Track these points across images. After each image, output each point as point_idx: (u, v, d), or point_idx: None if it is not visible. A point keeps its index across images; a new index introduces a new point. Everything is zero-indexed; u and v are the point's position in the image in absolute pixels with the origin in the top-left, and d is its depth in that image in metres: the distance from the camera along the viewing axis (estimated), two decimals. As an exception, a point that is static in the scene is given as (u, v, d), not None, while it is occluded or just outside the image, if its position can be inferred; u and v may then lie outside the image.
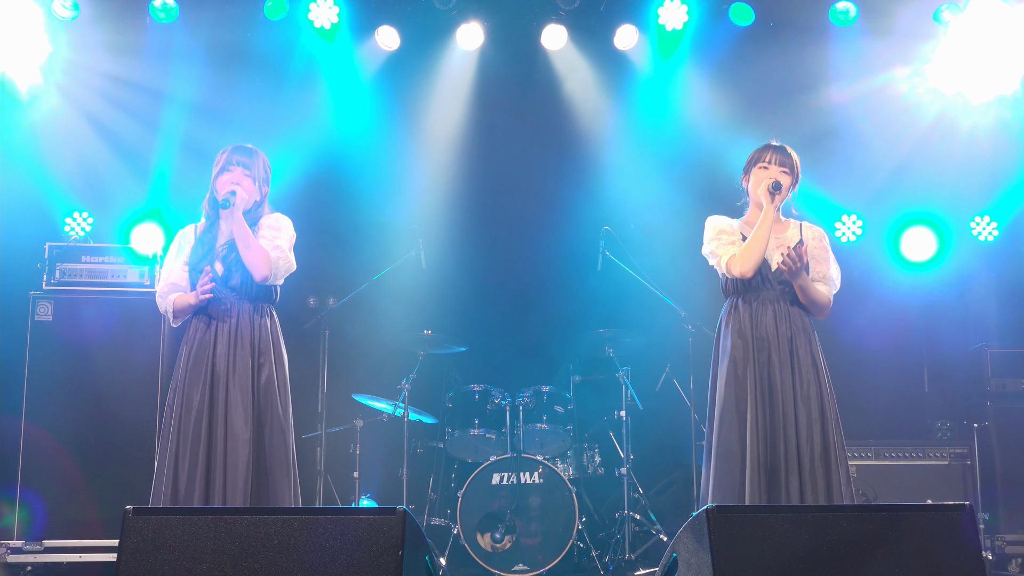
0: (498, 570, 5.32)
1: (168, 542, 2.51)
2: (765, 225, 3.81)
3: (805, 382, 3.77)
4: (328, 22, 6.00)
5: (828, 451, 3.70)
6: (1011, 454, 5.66)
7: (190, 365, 3.81)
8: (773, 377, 3.76)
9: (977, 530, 2.64)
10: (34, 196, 5.82)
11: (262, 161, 3.98)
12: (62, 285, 5.27)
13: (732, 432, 3.73)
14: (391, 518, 2.50)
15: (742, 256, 3.82)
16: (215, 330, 3.82)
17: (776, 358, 3.78)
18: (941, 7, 5.87)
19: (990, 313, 6.29)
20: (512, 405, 5.75)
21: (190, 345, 3.84)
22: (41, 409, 5.09)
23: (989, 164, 6.22)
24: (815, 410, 3.74)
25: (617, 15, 6.23)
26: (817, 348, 3.86)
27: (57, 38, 5.68)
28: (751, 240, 3.83)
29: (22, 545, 5.01)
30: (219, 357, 3.79)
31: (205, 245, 3.93)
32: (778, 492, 3.65)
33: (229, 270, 3.88)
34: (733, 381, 3.78)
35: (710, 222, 4.02)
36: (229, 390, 3.76)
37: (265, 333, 3.88)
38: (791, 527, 2.54)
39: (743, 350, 3.81)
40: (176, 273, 3.92)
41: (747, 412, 3.73)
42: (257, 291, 3.90)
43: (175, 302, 3.89)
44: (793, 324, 3.83)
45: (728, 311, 3.93)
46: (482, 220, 6.63)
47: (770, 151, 3.94)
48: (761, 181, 3.88)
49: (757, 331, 3.81)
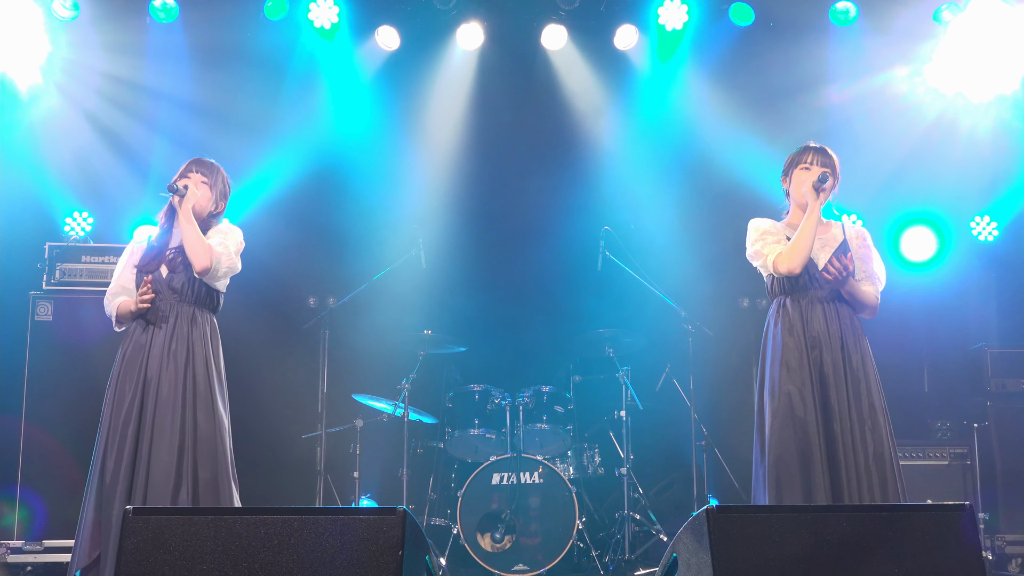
0: (498, 570, 5.32)
1: (168, 542, 2.51)
2: (812, 220, 3.79)
3: (857, 380, 3.76)
4: (328, 22, 6.00)
5: (882, 450, 3.69)
6: (1011, 454, 5.65)
7: (124, 366, 3.81)
8: (826, 375, 3.75)
9: (977, 530, 2.64)
10: (34, 196, 5.82)
11: (222, 177, 4.03)
12: (62, 285, 5.28)
13: (788, 432, 3.69)
14: (391, 518, 2.50)
15: (789, 253, 3.80)
16: (151, 333, 3.82)
17: (829, 357, 3.76)
18: (941, 7, 5.88)
19: (990, 313, 6.29)
20: (512, 405, 5.74)
21: (125, 346, 3.85)
22: (41, 409, 5.09)
23: (989, 164, 6.22)
24: (866, 407, 3.73)
25: (617, 15, 6.23)
26: (866, 346, 3.85)
27: (57, 38, 5.68)
28: (798, 236, 3.81)
29: (22, 545, 5.02)
30: (152, 359, 3.78)
31: (155, 249, 3.94)
32: (840, 492, 3.63)
33: (173, 272, 3.89)
34: (787, 382, 3.74)
35: (753, 224, 3.99)
36: (159, 392, 3.74)
37: (201, 339, 3.86)
38: (791, 527, 2.54)
39: (795, 350, 3.78)
40: (125, 276, 3.94)
41: (805, 412, 3.69)
42: (199, 295, 3.90)
43: (119, 307, 3.90)
44: (843, 323, 3.82)
45: (776, 311, 3.90)
46: (482, 220, 6.63)
47: (811, 152, 3.94)
48: (804, 181, 3.87)
49: (809, 330, 3.79)
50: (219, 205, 4.02)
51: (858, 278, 3.90)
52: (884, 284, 3.97)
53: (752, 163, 5.98)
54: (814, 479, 3.64)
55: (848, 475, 3.65)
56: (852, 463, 3.67)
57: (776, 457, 3.69)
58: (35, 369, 5.14)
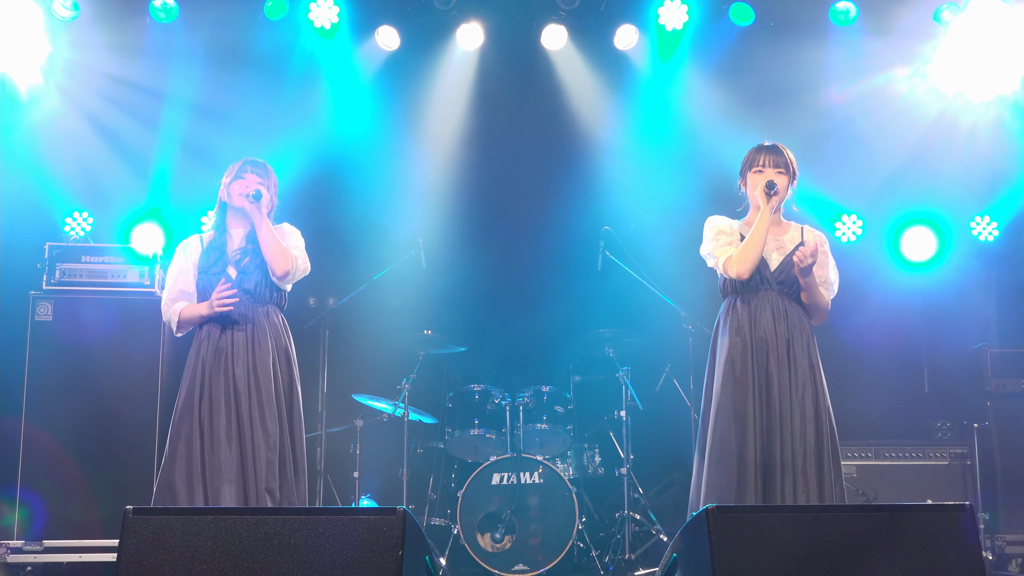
0: (498, 570, 5.32)
1: (168, 542, 2.51)
2: (762, 226, 3.81)
3: (801, 383, 3.77)
4: (328, 22, 6.00)
5: (821, 451, 3.71)
6: (1011, 454, 5.65)
7: (207, 372, 3.78)
8: (771, 377, 3.77)
9: (977, 530, 2.64)
10: (34, 196, 5.82)
11: (273, 177, 4.06)
12: (62, 285, 5.27)
13: (729, 432, 3.73)
14: (391, 518, 2.50)
15: (739, 257, 3.83)
16: (231, 336, 3.81)
17: (774, 358, 3.78)
18: (941, 7, 5.87)
19: (990, 313, 6.29)
20: (512, 405, 5.75)
21: (205, 350, 3.81)
22: (41, 409, 5.09)
23: (989, 164, 6.22)
24: (810, 410, 3.74)
25: (617, 15, 6.23)
26: (814, 349, 3.87)
27: (57, 38, 5.68)
28: (748, 241, 3.83)
29: (22, 545, 5.01)
30: (238, 363, 3.78)
31: (216, 251, 3.92)
32: (773, 492, 3.67)
33: (244, 274, 3.88)
34: (731, 381, 3.78)
35: (709, 223, 4.02)
36: (252, 397, 3.75)
37: (282, 337, 3.90)
38: (791, 527, 2.55)
39: (741, 350, 3.81)
40: (185, 280, 3.91)
41: (745, 412, 3.73)
42: (271, 295, 3.92)
43: (182, 312, 3.87)
44: (791, 324, 3.83)
45: (726, 311, 3.94)
46: (482, 220, 6.63)
47: (763, 153, 3.93)
48: (757, 184, 3.88)
49: (756, 331, 3.81)
50: (273, 202, 4.04)
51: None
52: (836, 292, 3.98)
53: (752, 163, 5.97)
54: (747, 480, 3.66)
55: (784, 476, 3.67)
56: (790, 464, 3.68)
57: (712, 456, 3.73)
58: (35, 369, 5.13)
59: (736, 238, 3.93)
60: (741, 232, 3.96)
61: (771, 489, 3.67)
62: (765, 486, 3.67)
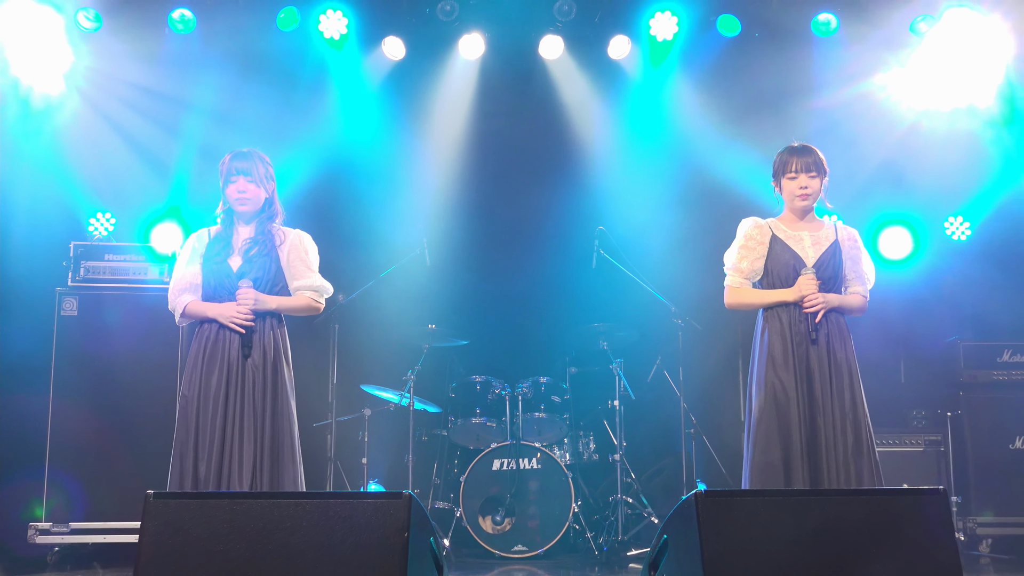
0: (498, 551, 5.33)
1: (186, 524, 2.51)
2: (770, 298, 3.80)
3: (840, 376, 3.73)
4: (337, 33, 6.00)
5: (861, 443, 3.68)
6: (982, 441, 5.65)
7: (205, 360, 3.76)
8: (812, 370, 3.73)
9: (950, 513, 2.65)
10: (60, 198, 5.81)
11: (260, 160, 3.87)
12: (86, 282, 5.28)
13: (772, 425, 3.67)
14: (397, 502, 2.50)
15: (737, 299, 3.86)
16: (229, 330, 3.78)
17: (815, 353, 3.74)
18: (917, 19, 5.87)
19: (963, 308, 6.29)
20: (512, 395, 5.75)
21: (205, 340, 3.79)
22: (67, 399, 5.09)
23: (962, 168, 6.21)
24: (848, 402, 3.71)
25: (611, 26, 6.23)
26: (851, 347, 3.82)
27: (80, 48, 5.68)
28: (752, 297, 3.84)
29: (50, 527, 5.02)
30: (233, 354, 3.76)
31: (221, 243, 3.88)
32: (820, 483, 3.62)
33: (248, 263, 3.84)
34: (774, 380, 3.71)
35: (740, 227, 3.93)
36: (243, 388, 3.73)
37: (276, 334, 3.85)
38: (775, 511, 2.55)
39: (782, 349, 3.75)
40: (193, 271, 3.86)
41: (787, 399, 3.68)
42: (274, 289, 3.89)
43: (188, 306, 3.82)
44: (829, 324, 3.79)
45: (765, 312, 3.86)
46: (483, 221, 6.63)
47: (795, 159, 3.84)
48: (791, 190, 3.84)
49: (796, 328, 3.77)
50: (268, 188, 3.90)
51: (848, 278, 3.90)
52: (873, 283, 3.95)
53: (739, 166, 5.97)
54: (793, 471, 3.63)
55: (828, 467, 3.65)
56: (832, 456, 3.66)
57: (760, 449, 3.69)
58: (61, 361, 5.14)
59: (763, 246, 3.86)
60: (773, 229, 3.89)
61: (817, 482, 3.62)
62: (812, 478, 3.63)
